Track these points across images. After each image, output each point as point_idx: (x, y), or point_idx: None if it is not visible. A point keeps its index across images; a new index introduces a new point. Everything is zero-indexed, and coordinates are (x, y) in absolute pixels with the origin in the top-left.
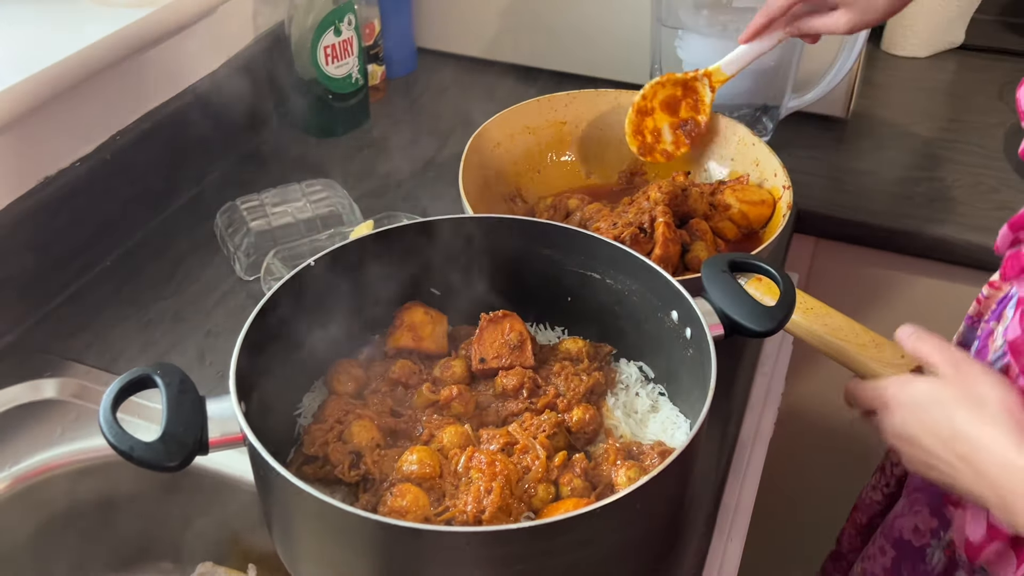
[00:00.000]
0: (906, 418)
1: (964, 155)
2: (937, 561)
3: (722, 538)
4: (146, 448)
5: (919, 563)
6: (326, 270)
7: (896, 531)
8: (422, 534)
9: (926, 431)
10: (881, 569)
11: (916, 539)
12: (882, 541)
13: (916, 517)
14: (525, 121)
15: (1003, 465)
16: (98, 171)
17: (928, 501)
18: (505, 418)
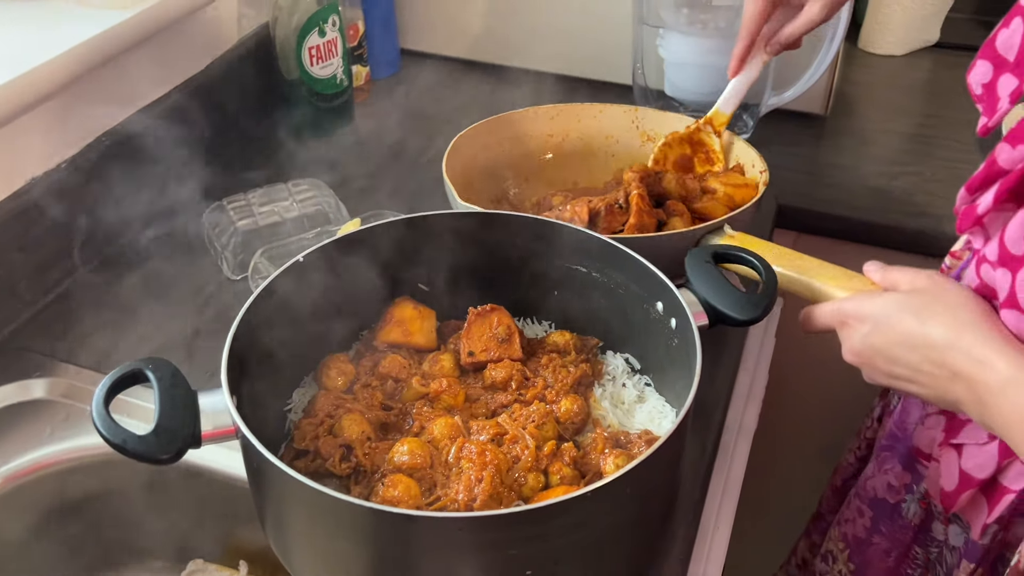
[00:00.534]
0: (869, 331)
1: (941, 150)
2: (913, 514)
3: (709, 525)
4: (139, 441)
5: (896, 518)
6: (315, 266)
7: (870, 491)
8: (416, 520)
9: (894, 340)
10: (862, 529)
11: (891, 496)
12: (858, 503)
13: (888, 475)
14: (511, 131)
15: (979, 363)
16: (84, 172)
17: (898, 458)
18: (494, 410)
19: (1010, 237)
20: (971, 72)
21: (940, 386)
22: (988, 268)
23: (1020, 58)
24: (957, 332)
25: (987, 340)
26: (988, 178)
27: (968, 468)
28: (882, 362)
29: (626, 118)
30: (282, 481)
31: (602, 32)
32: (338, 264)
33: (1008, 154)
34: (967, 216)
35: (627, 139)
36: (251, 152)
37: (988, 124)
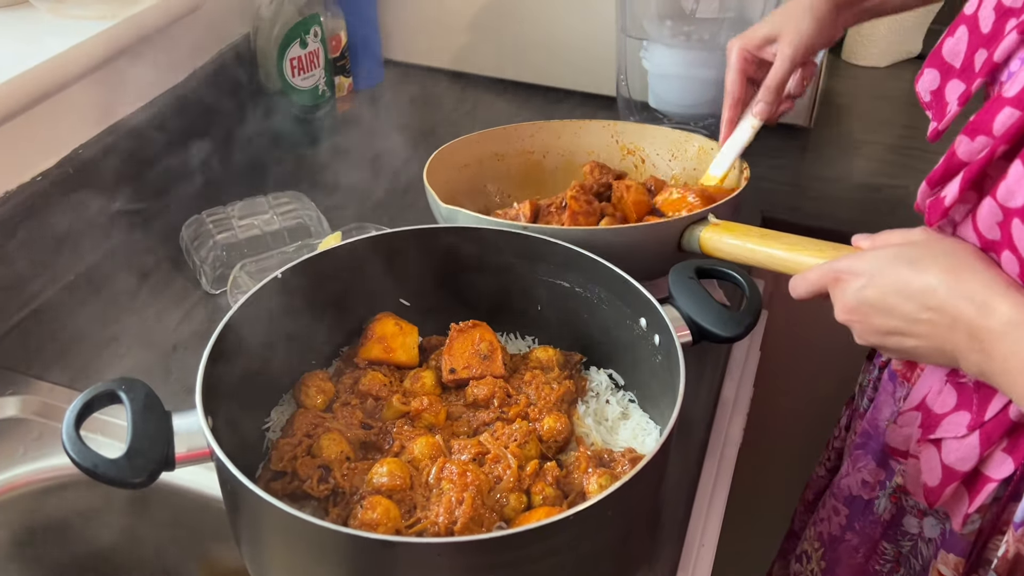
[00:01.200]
0: (864, 285)
1: (924, 162)
2: (884, 509)
3: (694, 544)
4: (110, 465)
5: (868, 514)
6: (294, 282)
7: (845, 489)
8: (394, 546)
9: (889, 290)
10: (837, 527)
11: (866, 492)
12: (833, 502)
13: (862, 472)
14: (492, 148)
15: (981, 307)
16: (60, 185)
17: (872, 455)
18: (476, 428)
19: (983, 225)
20: (919, 80)
21: (939, 334)
22: None
23: (966, 64)
24: (956, 276)
25: (988, 283)
26: (948, 171)
27: (950, 462)
28: (877, 316)
29: (605, 133)
30: (258, 505)
31: (586, 44)
32: (318, 280)
33: (967, 146)
34: (935, 209)
35: (608, 153)
36: (231, 164)
37: (938, 128)
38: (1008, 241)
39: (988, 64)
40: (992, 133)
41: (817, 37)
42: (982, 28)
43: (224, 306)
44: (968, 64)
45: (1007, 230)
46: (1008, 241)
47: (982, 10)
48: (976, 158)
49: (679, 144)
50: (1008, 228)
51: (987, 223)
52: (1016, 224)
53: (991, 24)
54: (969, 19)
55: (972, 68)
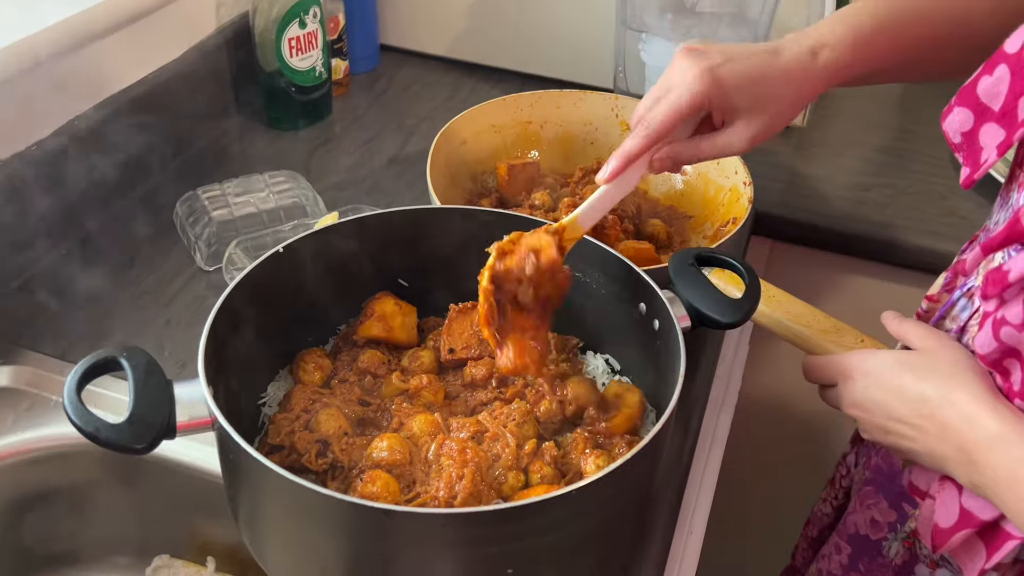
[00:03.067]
0: (869, 384)
1: (914, 163)
2: (895, 554)
3: (684, 529)
4: (112, 430)
5: (876, 556)
6: (294, 258)
7: (851, 527)
8: (396, 515)
9: (891, 395)
10: (838, 566)
11: (873, 532)
12: (837, 539)
13: (872, 511)
14: (491, 120)
15: (969, 420)
16: (54, 156)
17: (885, 495)
18: (474, 408)
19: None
20: (947, 118)
21: (929, 442)
22: (1011, 331)
23: (1007, 109)
24: (949, 388)
25: (977, 397)
26: (1010, 239)
27: (970, 507)
28: (880, 416)
29: (606, 106)
30: (259, 474)
31: (584, 35)
32: (317, 257)
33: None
34: (995, 282)
35: (606, 127)
36: (227, 142)
37: (973, 176)
38: None
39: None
40: None
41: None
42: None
43: (219, 282)
44: (1010, 110)
45: None
46: None
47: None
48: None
49: None
50: None
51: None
52: None
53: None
54: (1012, 59)
55: (1015, 115)
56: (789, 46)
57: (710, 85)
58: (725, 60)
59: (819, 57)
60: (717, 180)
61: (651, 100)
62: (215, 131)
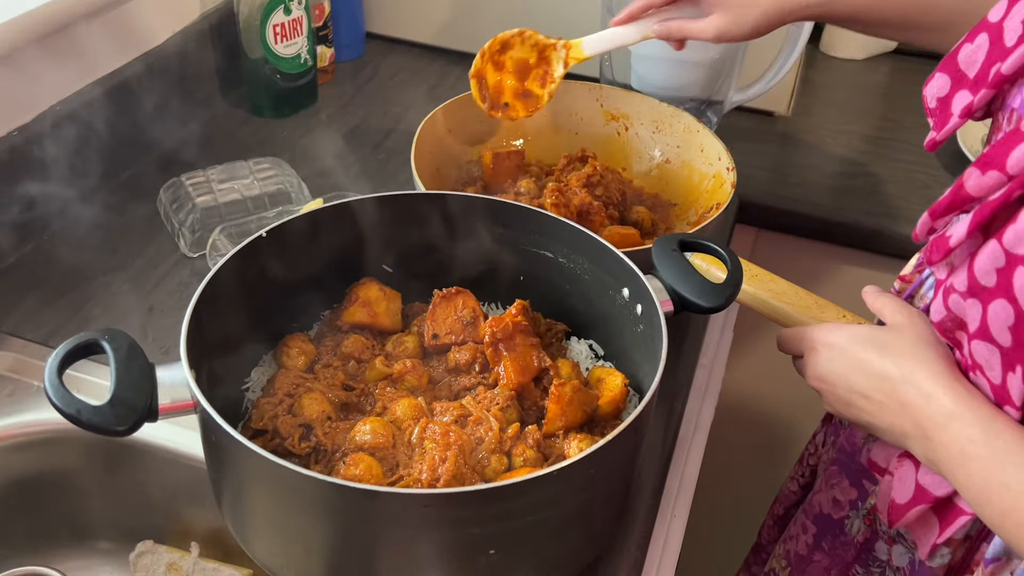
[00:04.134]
0: (833, 357)
1: (898, 152)
2: (857, 530)
3: (667, 513)
4: (94, 412)
5: (839, 534)
6: (278, 243)
7: (816, 507)
8: (379, 496)
9: (854, 369)
10: (804, 546)
11: (835, 511)
12: (803, 519)
13: (834, 490)
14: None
15: (927, 397)
16: (36, 141)
17: (846, 473)
18: (458, 393)
19: (980, 269)
20: (928, 84)
21: (888, 418)
22: (957, 299)
23: (980, 75)
24: (910, 366)
25: (936, 376)
26: (953, 204)
27: (925, 483)
28: (842, 389)
29: (590, 96)
30: (242, 456)
31: (569, 24)
32: (301, 242)
33: (977, 180)
34: (938, 248)
35: (591, 116)
36: (211, 129)
37: (936, 138)
38: (1005, 290)
39: (997, 76)
40: (1006, 169)
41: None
42: (1006, 40)
43: (203, 269)
44: (982, 76)
45: (1007, 278)
46: (1005, 290)
47: (1009, 20)
48: (987, 195)
49: (665, 118)
50: (1009, 276)
51: (985, 267)
52: (1020, 272)
53: (1016, 37)
54: (992, 28)
55: (984, 81)
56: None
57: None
58: None
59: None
60: (701, 167)
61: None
62: (199, 118)
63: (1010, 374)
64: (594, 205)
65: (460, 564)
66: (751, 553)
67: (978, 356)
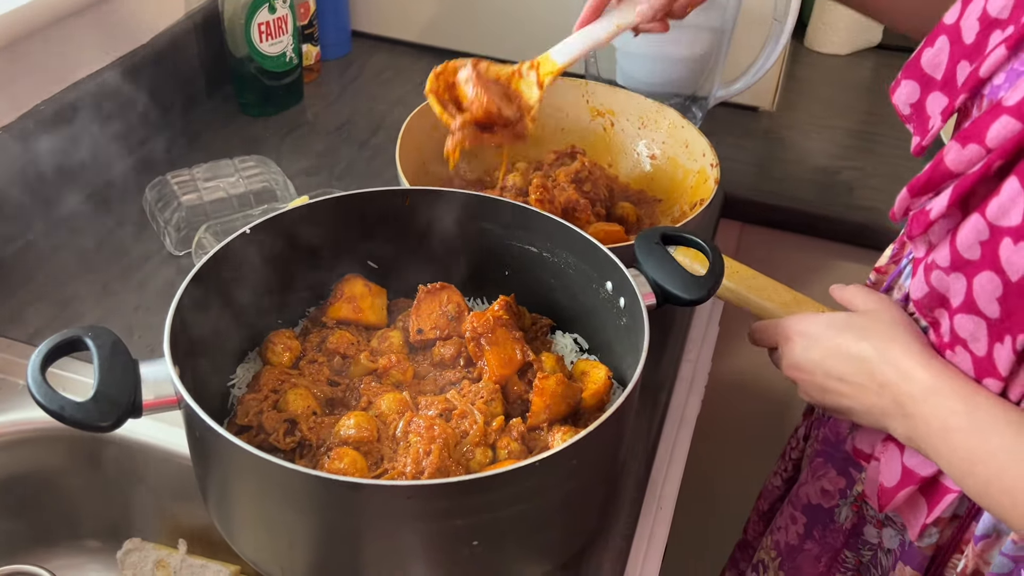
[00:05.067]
0: (808, 345)
1: (881, 146)
2: (846, 518)
3: (652, 506)
4: (77, 408)
5: (829, 523)
6: (262, 239)
7: (804, 498)
8: (363, 488)
9: (829, 354)
10: (795, 536)
11: (825, 501)
12: (790, 510)
13: (822, 480)
14: None
15: (904, 374)
16: (20, 141)
17: (833, 463)
18: (443, 387)
19: (963, 243)
20: (896, 92)
21: (868, 399)
22: (940, 274)
23: (947, 76)
24: (887, 345)
25: (912, 353)
26: (932, 180)
27: (911, 464)
28: (818, 374)
29: (576, 92)
30: (226, 451)
31: (555, 20)
32: (285, 238)
33: (956, 154)
34: (918, 222)
35: (576, 113)
36: (197, 128)
37: (922, 143)
38: (991, 261)
39: (972, 79)
40: (985, 143)
41: None
42: (965, 39)
43: (188, 267)
44: (950, 77)
45: (992, 250)
46: (991, 261)
47: (964, 20)
48: (966, 169)
49: (650, 114)
50: (995, 248)
51: (968, 241)
52: (1006, 244)
53: (975, 35)
54: (950, 29)
55: (955, 81)
56: None
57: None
58: None
59: None
60: (686, 163)
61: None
62: (185, 117)
63: (997, 344)
64: (580, 203)
65: (444, 555)
66: (737, 549)
67: (961, 330)
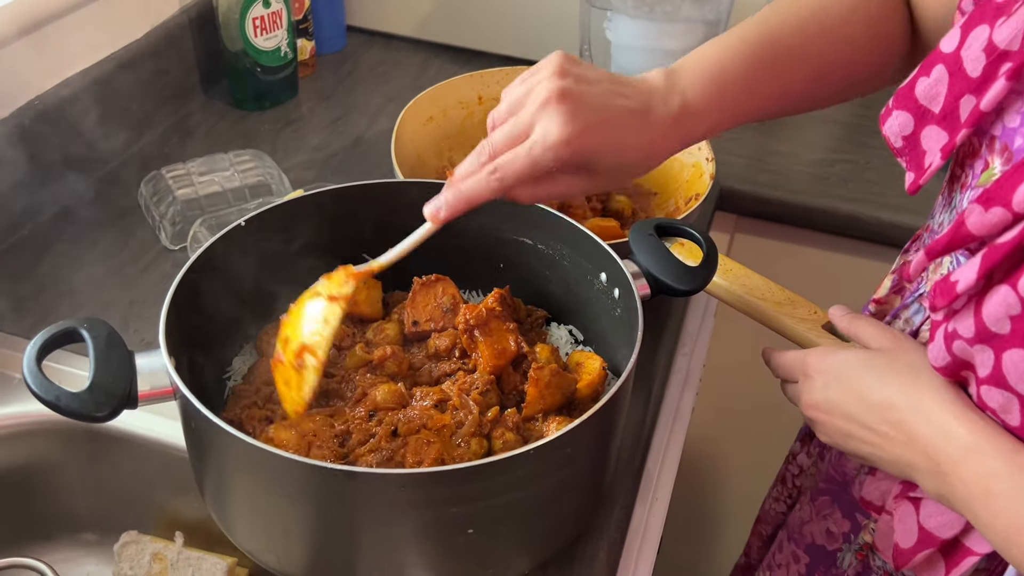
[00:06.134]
0: (828, 383)
1: (876, 139)
2: (848, 565)
3: (647, 497)
4: (73, 398)
5: (831, 567)
6: (257, 231)
7: (808, 537)
8: (358, 477)
9: (852, 397)
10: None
11: (829, 543)
12: (793, 548)
13: (827, 521)
14: (458, 96)
15: (939, 429)
16: (15, 136)
17: (839, 504)
18: (438, 378)
19: (990, 316)
20: (886, 122)
21: (895, 451)
22: (963, 345)
23: (947, 110)
24: (918, 395)
25: (948, 406)
26: (953, 243)
27: (930, 527)
28: (840, 419)
29: None
30: (222, 441)
31: (550, 14)
32: (280, 231)
33: (979, 218)
34: (943, 293)
35: None
36: (191, 122)
37: (918, 182)
38: (1022, 338)
39: (975, 114)
40: (1012, 207)
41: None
42: (968, 71)
43: (183, 261)
44: (950, 110)
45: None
46: (1022, 338)
47: (966, 50)
48: (989, 233)
49: None
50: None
51: (997, 315)
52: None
53: (981, 68)
54: (948, 58)
55: (956, 116)
56: (657, 104)
57: (576, 150)
58: (598, 121)
59: (681, 125)
60: (681, 157)
61: (509, 136)
62: (180, 111)
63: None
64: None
65: (438, 543)
66: (738, 571)
67: (990, 401)
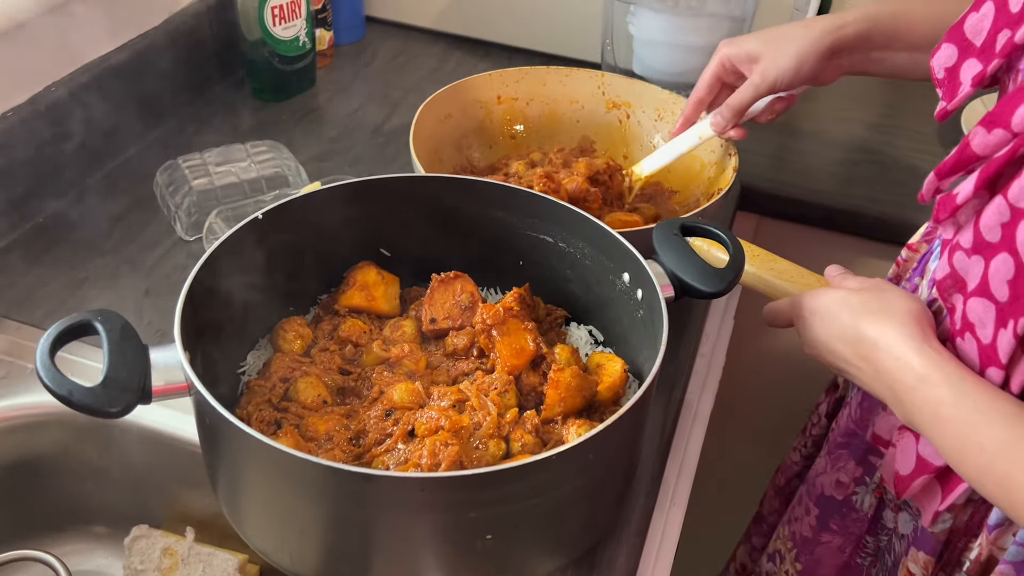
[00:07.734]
0: (814, 324)
1: (901, 139)
2: (868, 505)
3: (666, 501)
4: (86, 393)
5: (849, 512)
6: (274, 225)
7: (818, 488)
8: (376, 479)
9: (834, 335)
10: (808, 528)
11: (838, 492)
12: (807, 501)
13: (839, 472)
14: (476, 95)
15: (897, 360)
16: (31, 123)
17: (851, 453)
18: (456, 377)
19: (985, 225)
20: (935, 55)
21: (867, 381)
22: (962, 256)
23: (987, 43)
24: (882, 330)
25: (907, 339)
26: (959, 163)
27: (926, 454)
28: (827, 353)
29: (592, 83)
30: (236, 438)
31: (572, 8)
32: (297, 224)
33: (982, 139)
34: (945, 205)
35: (593, 105)
36: (208, 111)
37: (947, 108)
38: (1008, 244)
39: (1009, 45)
40: (1011, 127)
41: (795, 75)
42: (1011, 7)
43: (199, 252)
44: (989, 43)
45: (1010, 231)
46: (1008, 244)
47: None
48: (992, 152)
49: (667, 105)
50: (1013, 230)
51: (990, 223)
52: (1023, 225)
53: (1022, 3)
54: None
55: (993, 48)
56: None
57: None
58: None
59: None
60: (702, 155)
61: None
62: (197, 100)
63: (1002, 330)
64: (591, 192)
65: (456, 548)
66: (752, 524)
67: (972, 314)
